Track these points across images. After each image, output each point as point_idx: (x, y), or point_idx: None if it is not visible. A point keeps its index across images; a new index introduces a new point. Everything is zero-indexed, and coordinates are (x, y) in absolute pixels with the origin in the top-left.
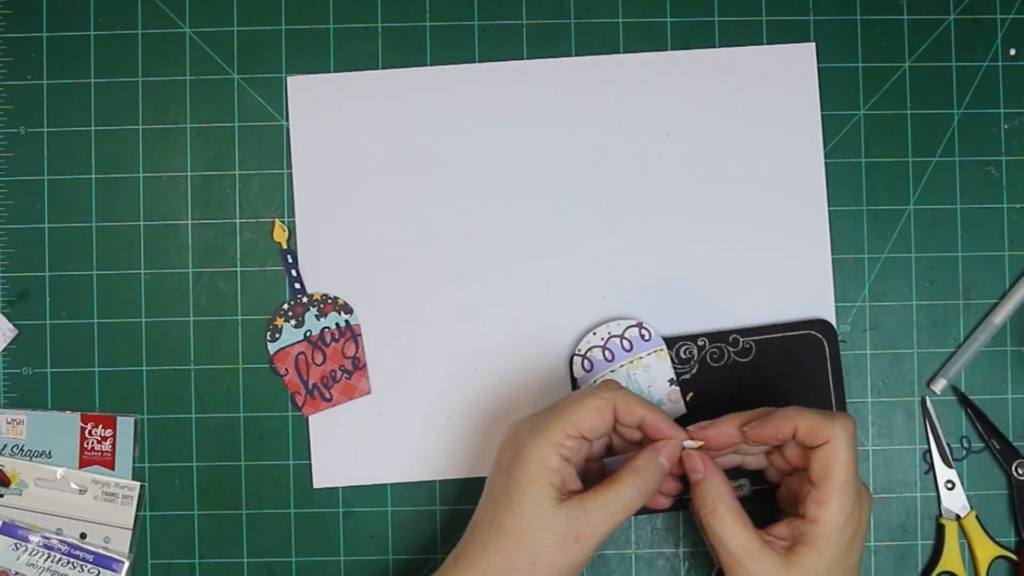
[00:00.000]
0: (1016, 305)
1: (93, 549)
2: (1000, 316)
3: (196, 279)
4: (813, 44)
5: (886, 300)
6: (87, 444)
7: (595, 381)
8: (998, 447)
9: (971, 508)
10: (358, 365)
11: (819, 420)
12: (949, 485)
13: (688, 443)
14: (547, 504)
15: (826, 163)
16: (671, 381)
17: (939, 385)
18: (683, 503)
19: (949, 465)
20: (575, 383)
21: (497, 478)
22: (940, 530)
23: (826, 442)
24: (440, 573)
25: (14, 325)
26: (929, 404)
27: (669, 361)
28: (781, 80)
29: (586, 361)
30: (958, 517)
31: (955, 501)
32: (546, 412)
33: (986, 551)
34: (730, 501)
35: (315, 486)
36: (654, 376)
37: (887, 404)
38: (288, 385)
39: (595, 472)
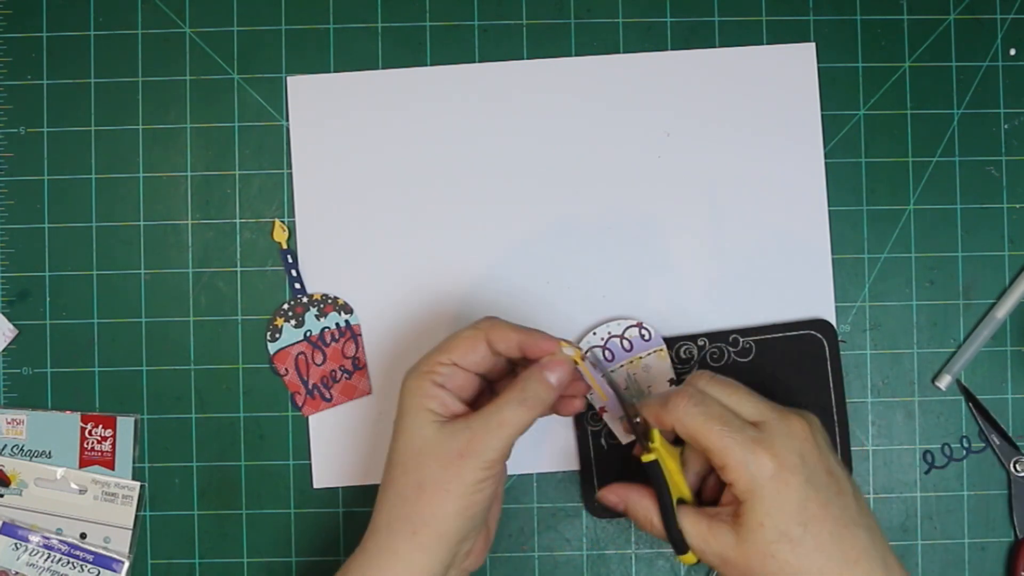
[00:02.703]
0: (1019, 299)
1: (93, 549)
2: (1003, 311)
3: (196, 279)
4: (813, 44)
5: (886, 300)
6: (87, 444)
7: (621, 365)
8: (998, 443)
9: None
10: (358, 365)
11: (656, 411)
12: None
13: (567, 350)
14: (426, 427)
15: (826, 163)
16: (671, 381)
17: (944, 381)
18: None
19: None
20: None
21: (394, 424)
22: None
23: (673, 428)
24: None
25: (14, 325)
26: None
27: (669, 361)
28: (781, 80)
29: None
30: None
31: None
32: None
33: None
34: (654, 509)
35: (315, 486)
36: (654, 376)
37: (887, 404)
38: (288, 385)
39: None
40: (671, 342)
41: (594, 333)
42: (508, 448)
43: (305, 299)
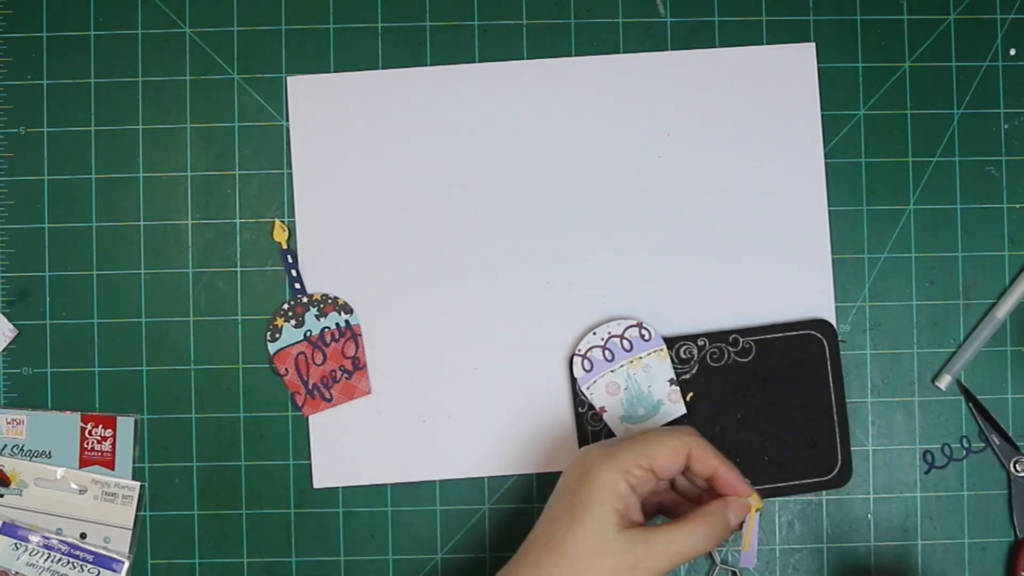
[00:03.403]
0: (1019, 299)
1: (93, 549)
2: (1003, 310)
3: (196, 279)
4: (813, 44)
5: (886, 300)
6: (87, 444)
7: (594, 382)
8: (998, 443)
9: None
10: (358, 365)
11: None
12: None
13: (752, 500)
14: (608, 528)
15: (826, 163)
16: (671, 381)
17: (944, 381)
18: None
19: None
20: (575, 383)
21: (561, 498)
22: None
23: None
24: None
25: (14, 325)
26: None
27: (669, 361)
28: (781, 80)
29: (586, 361)
30: None
31: None
32: (619, 441)
33: None
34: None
35: (315, 486)
36: (654, 376)
37: (887, 404)
38: (288, 385)
39: (650, 511)
40: (671, 342)
41: (594, 333)
42: (673, 569)
43: (305, 299)
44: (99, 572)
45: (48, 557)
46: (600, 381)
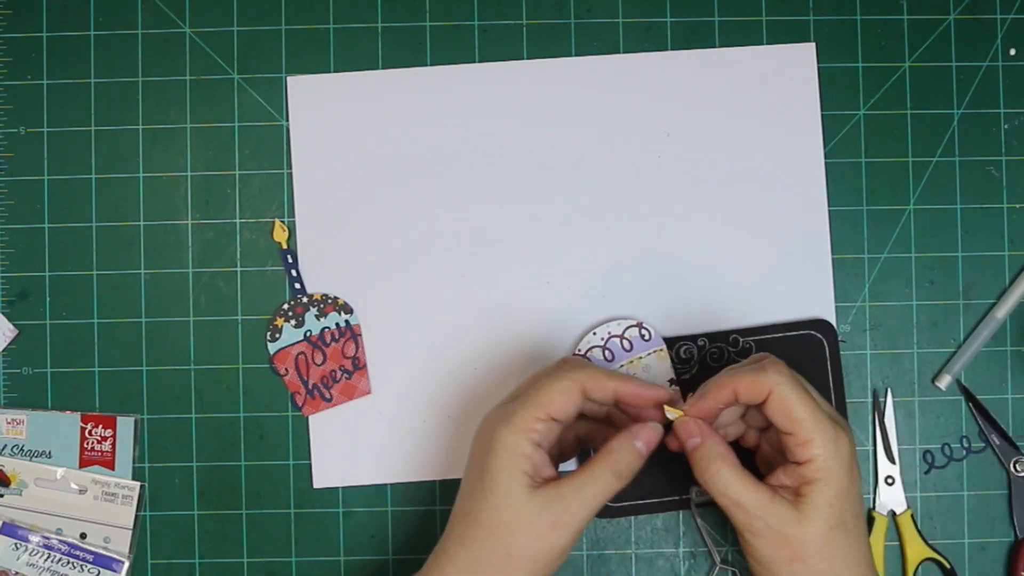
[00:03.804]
0: (1019, 299)
1: (93, 549)
2: (1003, 311)
3: (196, 279)
4: (813, 44)
5: (886, 300)
6: (87, 444)
7: (621, 366)
8: (998, 443)
9: (908, 507)
10: (358, 365)
11: (752, 377)
12: (889, 480)
13: (670, 413)
14: (520, 493)
15: (826, 163)
16: (671, 381)
17: (944, 381)
18: (683, 503)
19: (892, 461)
20: None
21: (472, 470)
22: (869, 523)
23: (769, 394)
24: (422, 572)
25: (14, 325)
26: (889, 397)
27: (669, 361)
28: (781, 80)
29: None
30: (893, 514)
31: (892, 497)
32: (513, 398)
33: (916, 551)
34: (732, 459)
35: (315, 486)
36: (654, 376)
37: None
38: (288, 385)
39: (570, 449)
40: (671, 342)
41: (594, 333)
42: (594, 514)
43: (305, 299)
44: (99, 572)
45: (48, 557)
46: (626, 367)
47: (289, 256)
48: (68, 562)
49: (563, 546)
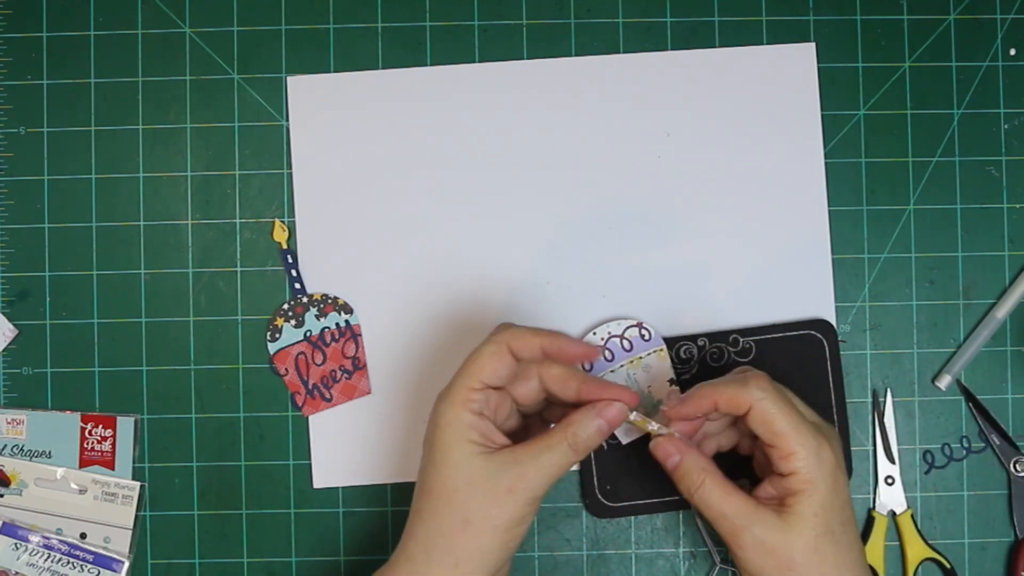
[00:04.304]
0: (1019, 299)
1: (93, 549)
2: (1003, 310)
3: (196, 279)
4: (813, 44)
5: (886, 300)
6: (87, 444)
7: (620, 366)
8: (998, 443)
9: (908, 507)
10: (358, 365)
11: (733, 390)
12: (889, 480)
13: (654, 427)
14: (471, 459)
15: (826, 163)
16: (671, 381)
17: (944, 381)
18: (683, 503)
19: (892, 461)
20: None
21: (425, 451)
22: (869, 523)
23: (750, 408)
24: (392, 558)
25: (14, 325)
26: (889, 397)
27: (669, 361)
28: (781, 80)
29: (586, 362)
30: (893, 514)
31: (892, 497)
32: (454, 375)
33: (917, 551)
34: (714, 472)
35: (315, 486)
36: (654, 376)
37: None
38: (288, 385)
39: (536, 427)
40: (671, 342)
41: (594, 333)
42: (551, 484)
43: (305, 299)
44: (99, 572)
45: (48, 557)
46: (626, 367)
47: (289, 256)
48: (68, 562)
49: (521, 514)
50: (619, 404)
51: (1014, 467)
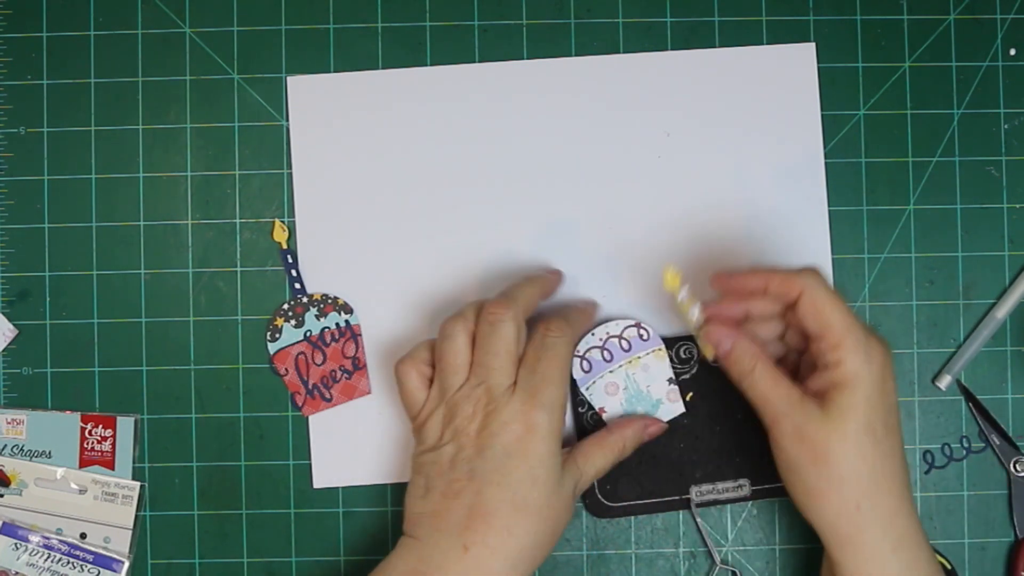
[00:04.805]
0: (1019, 299)
1: (93, 549)
2: (1003, 310)
3: (196, 279)
4: (813, 44)
5: (886, 300)
6: (87, 444)
7: (593, 383)
8: (998, 443)
9: None
10: (358, 365)
11: (785, 274)
12: None
13: (696, 317)
14: (557, 471)
15: (826, 163)
16: (670, 380)
17: (944, 381)
18: (683, 503)
19: None
20: (574, 384)
21: (507, 462)
22: None
23: (800, 294)
24: (432, 563)
25: (14, 325)
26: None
27: (668, 361)
28: (781, 80)
29: (585, 362)
30: None
31: None
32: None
33: None
34: (764, 358)
35: (315, 486)
36: (653, 376)
37: None
38: (288, 385)
39: None
40: (671, 342)
41: (593, 333)
42: None
43: (305, 299)
44: (99, 572)
45: (48, 557)
46: (599, 382)
47: (289, 256)
48: (68, 562)
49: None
50: (661, 423)
51: (1014, 467)
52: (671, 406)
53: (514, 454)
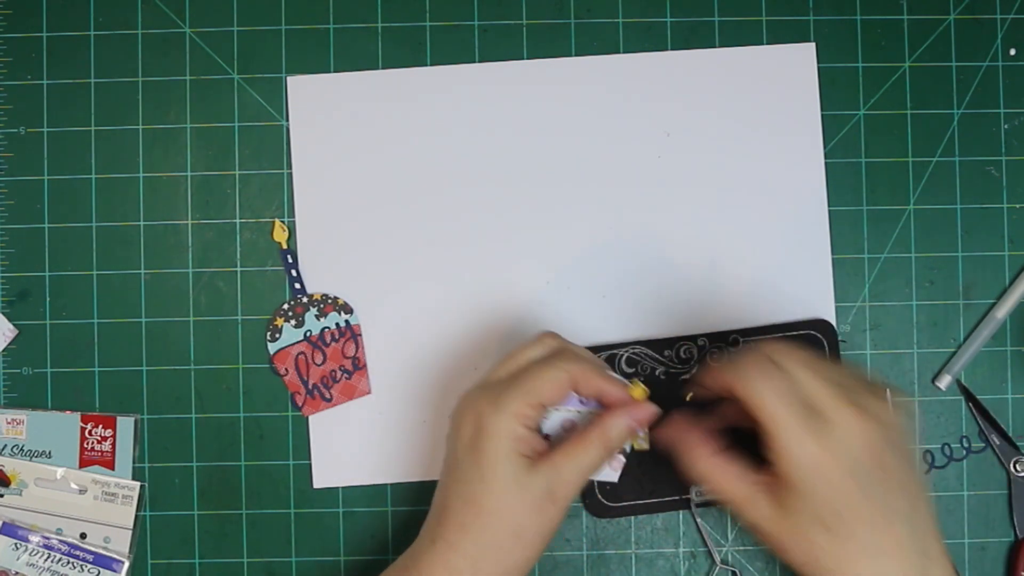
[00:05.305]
0: (1019, 299)
1: (93, 549)
2: (1003, 310)
3: (196, 279)
4: (813, 44)
5: (886, 300)
6: (87, 444)
7: (553, 411)
8: (998, 443)
9: None
10: (358, 365)
11: (725, 373)
12: None
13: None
14: (521, 474)
15: (826, 163)
16: (621, 450)
17: (944, 381)
18: (683, 503)
19: None
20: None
21: (463, 456)
22: None
23: (738, 391)
24: (412, 556)
25: (14, 325)
26: (888, 398)
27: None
28: (781, 80)
29: None
30: None
31: None
32: (500, 383)
33: None
34: (713, 459)
35: (315, 486)
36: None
37: None
38: (288, 385)
39: None
40: (671, 342)
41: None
42: (583, 487)
43: (305, 299)
44: (99, 572)
45: (48, 557)
46: (557, 415)
47: (289, 256)
48: (68, 562)
49: (561, 518)
50: (652, 407)
51: (1014, 467)
52: (609, 471)
53: (468, 452)
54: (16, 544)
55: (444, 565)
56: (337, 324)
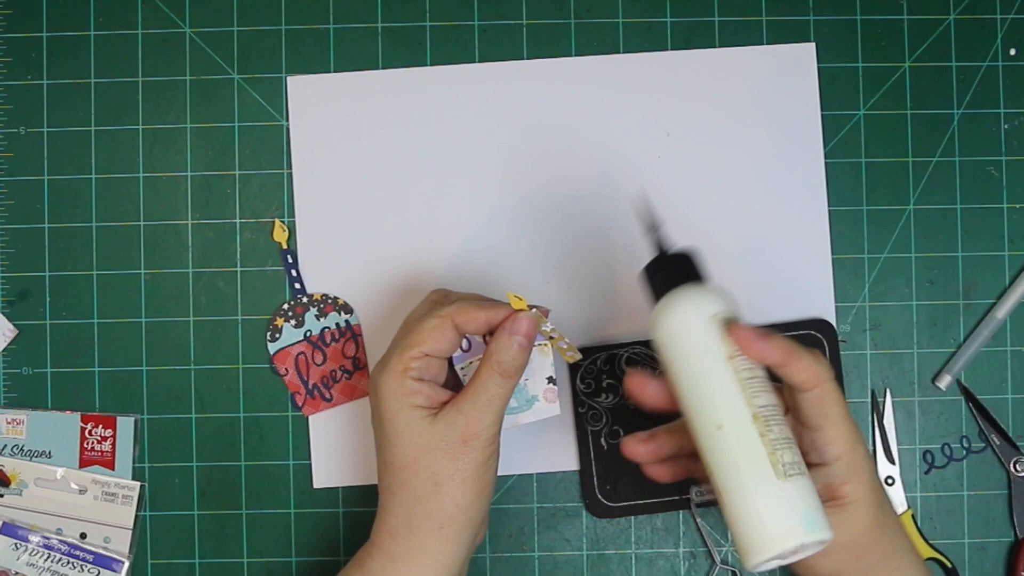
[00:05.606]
0: (1019, 299)
1: (93, 549)
2: (1003, 310)
3: (196, 279)
4: (813, 44)
5: (886, 300)
6: (87, 444)
7: (470, 362)
8: (998, 443)
9: (908, 507)
10: (358, 365)
11: (811, 362)
12: (889, 481)
13: (563, 344)
14: (421, 424)
15: (826, 163)
16: (549, 379)
17: (944, 381)
18: (683, 503)
19: (892, 461)
20: (451, 361)
21: (374, 426)
22: None
23: (817, 387)
24: (369, 540)
25: (14, 325)
26: (888, 397)
27: (551, 358)
28: (781, 80)
29: (465, 340)
30: None
31: (893, 497)
32: (391, 346)
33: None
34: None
35: (315, 486)
36: (533, 370)
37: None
38: (288, 385)
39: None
40: None
41: None
42: (501, 419)
43: (305, 299)
44: (99, 572)
45: (48, 557)
46: (476, 363)
47: (289, 256)
48: (68, 562)
49: (484, 457)
50: (526, 313)
51: (1014, 467)
52: (547, 406)
53: (375, 421)
54: (16, 544)
55: (383, 528)
56: (337, 324)
